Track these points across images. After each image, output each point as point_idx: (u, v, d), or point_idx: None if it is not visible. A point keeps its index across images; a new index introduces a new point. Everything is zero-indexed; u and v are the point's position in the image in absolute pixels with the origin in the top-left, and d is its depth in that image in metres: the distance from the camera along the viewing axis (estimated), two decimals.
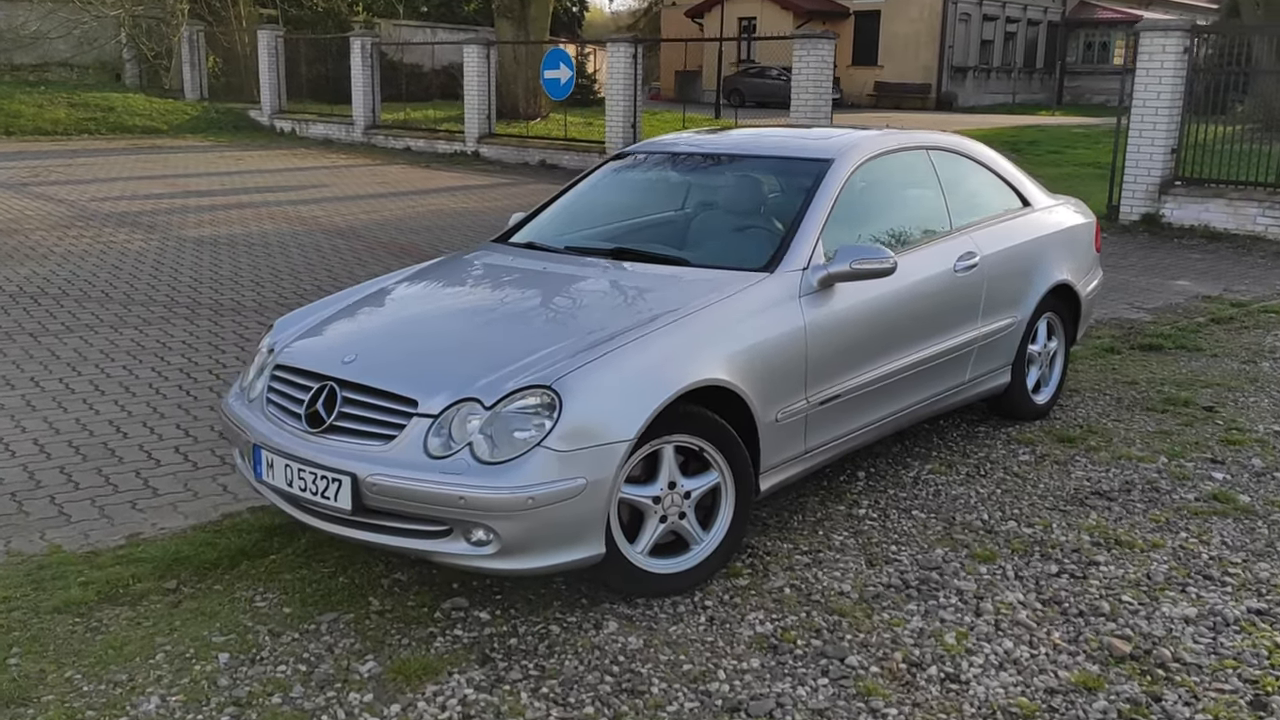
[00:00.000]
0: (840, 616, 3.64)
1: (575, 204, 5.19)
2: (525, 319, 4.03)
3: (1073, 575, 3.96)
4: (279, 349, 4.08)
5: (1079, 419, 5.77)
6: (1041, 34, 46.85)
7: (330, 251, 10.68)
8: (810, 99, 15.30)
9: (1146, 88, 12.53)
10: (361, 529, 3.55)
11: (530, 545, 3.38)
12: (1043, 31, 46.86)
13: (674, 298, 3.98)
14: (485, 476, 3.34)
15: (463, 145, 20.87)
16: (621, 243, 4.68)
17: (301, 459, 3.61)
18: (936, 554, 4.12)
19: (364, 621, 3.61)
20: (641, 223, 4.93)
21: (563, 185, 5.34)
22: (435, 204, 14.40)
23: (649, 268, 4.34)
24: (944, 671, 3.31)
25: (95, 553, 4.13)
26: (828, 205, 4.42)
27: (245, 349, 7.02)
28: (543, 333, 3.83)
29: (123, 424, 5.57)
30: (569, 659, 3.38)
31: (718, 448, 3.76)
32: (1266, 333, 7.86)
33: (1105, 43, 47.82)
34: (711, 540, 3.81)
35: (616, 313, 3.90)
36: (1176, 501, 4.65)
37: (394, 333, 4.03)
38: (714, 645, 3.47)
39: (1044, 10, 46.49)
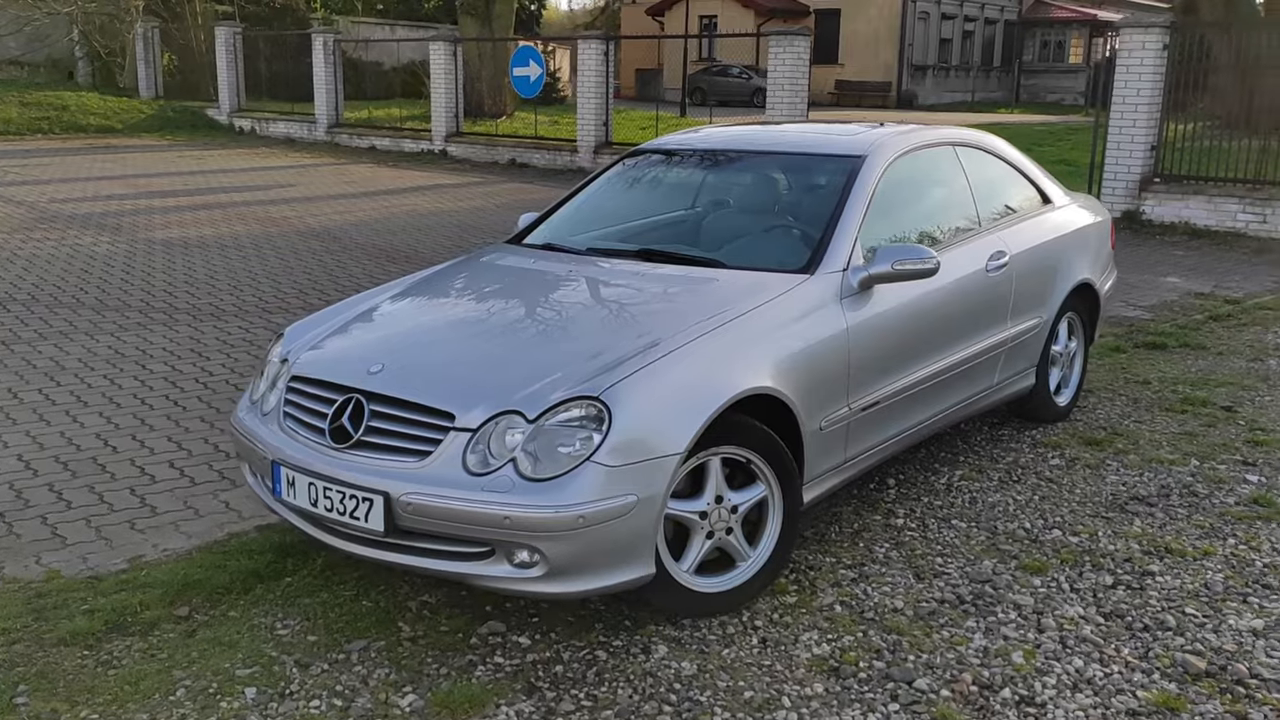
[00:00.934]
0: (899, 635, 3.47)
1: (591, 203, 4.98)
2: (559, 325, 3.81)
3: (1129, 587, 3.82)
4: (294, 359, 3.83)
5: (1101, 421, 5.65)
6: (998, 33, 47.16)
7: (307, 254, 10.37)
8: (786, 96, 15.17)
9: (1126, 84, 12.51)
10: (394, 551, 3.32)
11: (579, 567, 3.17)
12: (999, 30, 47.18)
13: (713, 301, 3.79)
14: (531, 494, 3.13)
15: (430, 144, 20.54)
16: (646, 243, 4.48)
17: (327, 477, 3.38)
18: (985, 566, 3.96)
19: (396, 649, 3.39)
20: (665, 222, 4.72)
21: (534, 184, 5.14)
22: (408, 204, 14.11)
23: (681, 269, 4.14)
24: (1018, 694, 3.15)
25: (97, 578, 3.87)
26: (864, 204, 4.24)
27: (231, 355, 6.74)
28: (580, 340, 3.61)
29: (110, 437, 5.28)
30: (621, 687, 3.18)
31: (765, 459, 3.58)
32: (1266, 330, 7.81)
33: (1061, 41, 48.21)
34: (759, 556, 3.63)
35: (656, 317, 3.70)
36: (1217, 506, 4.53)
37: (420, 341, 3.80)
38: (772, 669, 3.28)
39: (1001, 9, 46.81)
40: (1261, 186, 12.00)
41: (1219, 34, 13.27)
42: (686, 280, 4.03)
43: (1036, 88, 47.16)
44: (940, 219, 4.72)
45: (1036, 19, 47.84)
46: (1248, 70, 12.58)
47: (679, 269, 4.15)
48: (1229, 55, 13.02)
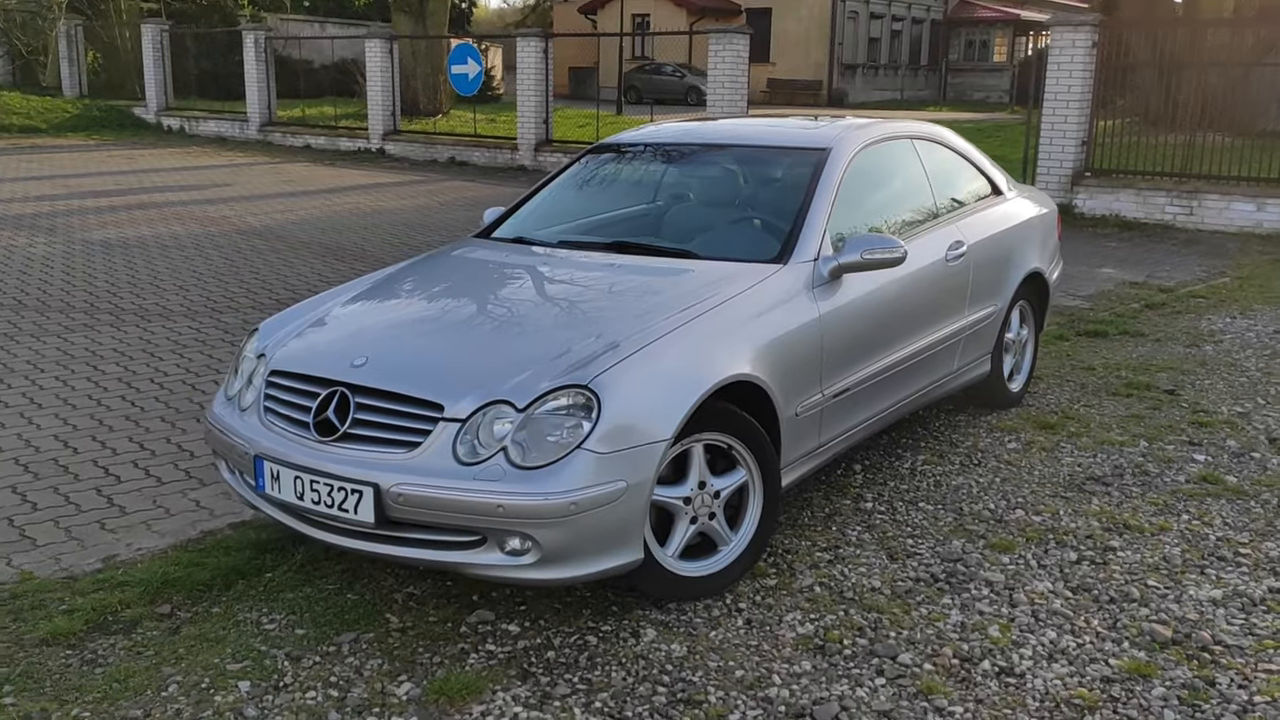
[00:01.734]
0: (879, 613, 3.56)
1: (558, 198, 5.02)
2: (539, 316, 3.85)
3: (1093, 562, 3.96)
4: (271, 354, 3.82)
5: (1051, 405, 5.82)
6: (925, 32, 47.95)
7: (251, 253, 10.25)
8: (726, 94, 15.30)
9: (1058, 81, 12.84)
10: (384, 543, 3.34)
11: (571, 553, 3.22)
12: (926, 30, 47.97)
13: (690, 291, 3.85)
14: (523, 482, 3.16)
15: (366, 142, 20.36)
16: (616, 236, 4.53)
17: (314, 470, 3.38)
18: (955, 545, 4.08)
19: (386, 640, 3.40)
20: (634, 215, 4.77)
21: (476, 182, 5.18)
22: (350, 202, 13.99)
23: (655, 260, 4.21)
24: (997, 666, 3.26)
25: (72, 578, 3.82)
26: (831, 195, 4.34)
27: (184, 356, 6.66)
28: (562, 329, 3.66)
29: (69, 438, 5.20)
30: (614, 670, 3.23)
31: (746, 445, 3.65)
32: (1199, 317, 8.08)
33: (986, 41, 49.13)
34: (740, 540, 3.70)
35: (634, 307, 3.75)
36: (1169, 484, 4.70)
37: (401, 334, 3.81)
38: (760, 649, 3.35)
39: (927, 9, 47.58)
40: (1188, 180, 12.39)
41: (1139, 33, 13.66)
42: (661, 271, 4.09)
43: (963, 86, 47.97)
44: (902, 209, 4.84)
45: (961, 19, 48.68)
46: (1166, 68, 12.96)
47: (653, 260, 4.21)
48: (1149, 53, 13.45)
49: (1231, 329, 7.66)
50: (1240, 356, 6.88)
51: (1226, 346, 7.15)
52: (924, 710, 3.04)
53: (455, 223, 12.28)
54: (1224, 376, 6.41)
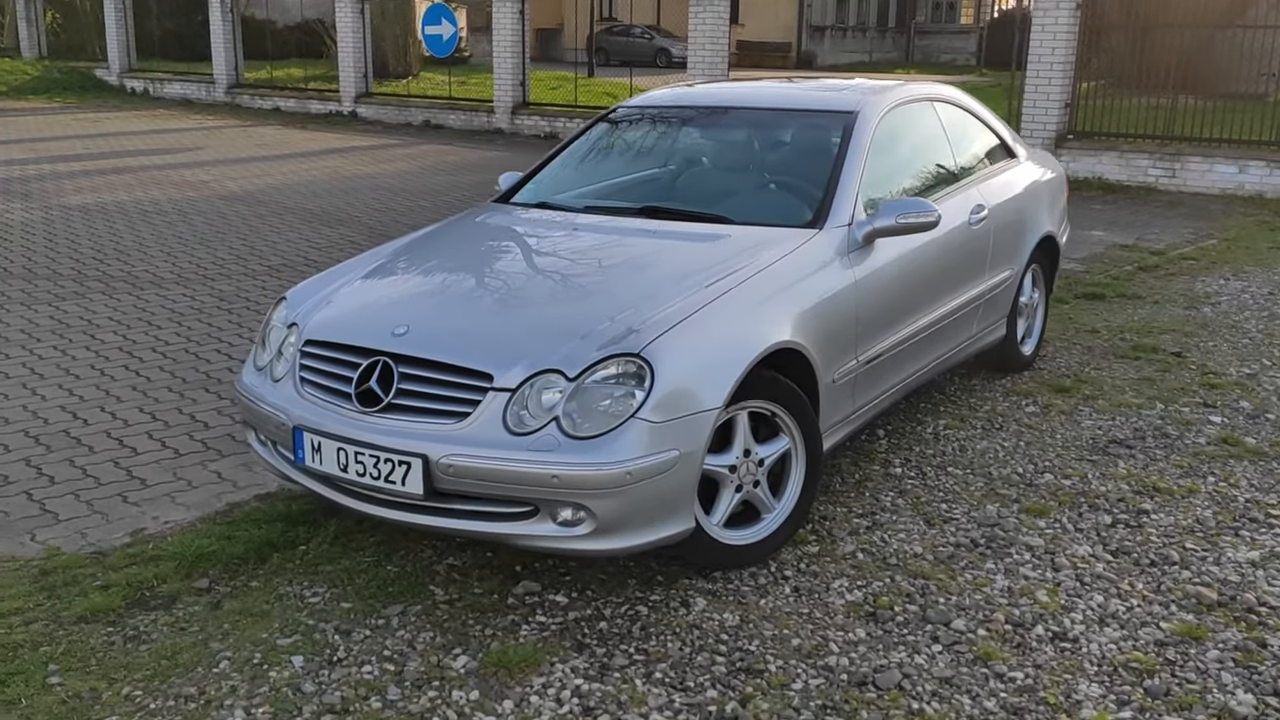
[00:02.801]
0: (925, 579, 3.56)
1: (577, 163, 4.94)
2: (578, 282, 3.79)
3: (1128, 525, 3.98)
4: (303, 323, 3.74)
5: (1063, 368, 5.84)
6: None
7: (235, 219, 10.07)
8: (706, 56, 15.18)
9: (1041, 44, 12.83)
10: (433, 514, 3.29)
11: (625, 524, 3.18)
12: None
13: (729, 256, 3.80)
14: (578, 452, 3.12)
15: (338, 105, 20.05)
16: (643, 200, 4.46)
17: (358, 441, 3.31)
18: (990, 510, 4.08)
19: (435, 612, 3.36)
20: (660, 179, 4.70)
21: (453, 145, 5.10)
22: (328, 166, 13.77)
23: (688, 225, 4.15)
24: (1051, 630, 3.27)
25: (101, 553, 3.74)
26: (862, 158, 4.30)
27: (183, 324, 6.53)
28: (605, 296, 3.60)
29: (77, 409, 5.09)
30: (670, 640, 3.21)
31: (789, 412, 3.62)
32: (1193, 279, 8.13)
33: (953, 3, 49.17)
34: (783, 508, 3.68)
35: (674, 273, 3.69)
36: (1190, 447, 4.73)
37: (439, 301, 3.73)
38: (812, 616, 3.34)
39: None
40: (1170, 142, 12.45)
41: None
42: (697, 236, 4.04)
43: (930, 48, 47.93)
44: (927, 173, 4.81)
45: None
46: (1137, 30, 12.97)
47: (686, 225, 4.15)
48: (1121, 15, 13.49)
49: (1226, 291, 7.71)
50: (1240, 318, 6.93)
51: (1224, 308, 7.20)
52: (984, 676, 3.04)
53: (438, 187, 12.13)
54: (1226, 339, 6.45)
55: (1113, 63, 13.69)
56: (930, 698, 2.94)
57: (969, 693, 2.97)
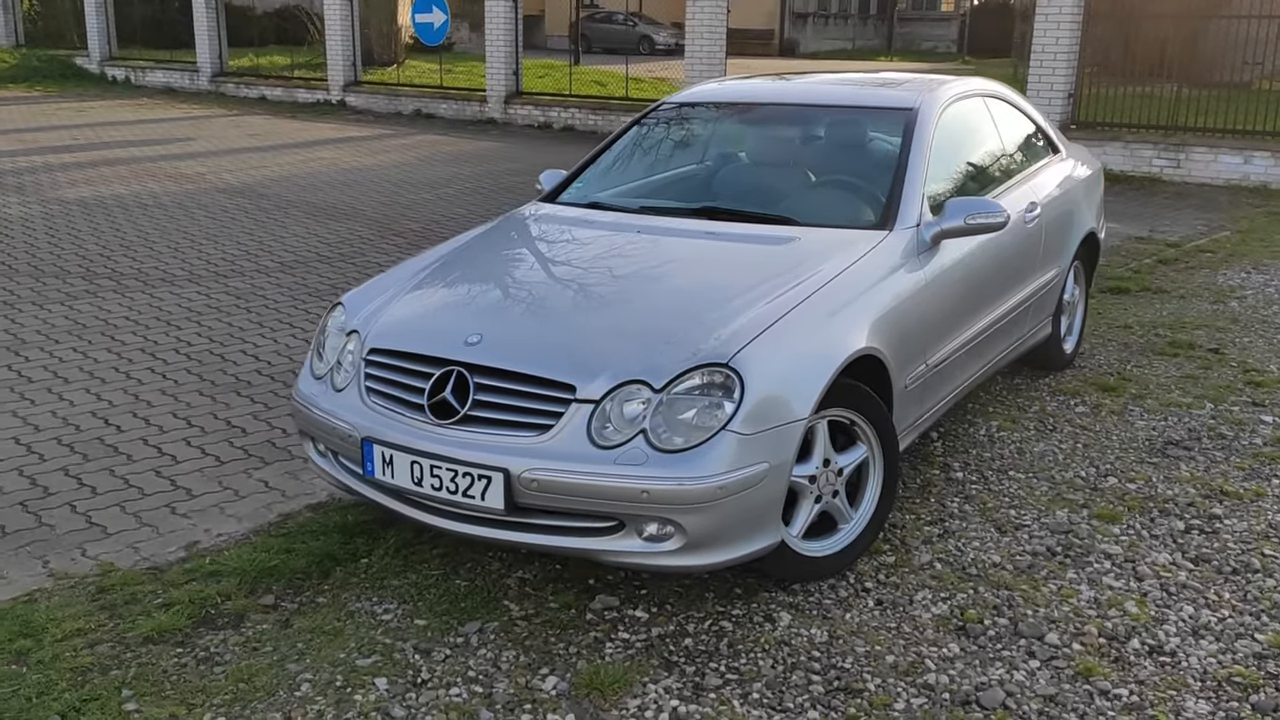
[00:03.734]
0: (1008, 590, 3.49)
1: (625, 160, 4.82)
2: (651, 288, 3.68)
3: (1202, 531, 3.92)
4: (364, 331, 3.62)
5: (1104, 366, 5.78)
6: None
7: (238, 213, 9.89)
8: (705, 45, 15.05)
9: (1045, 33, 12.78)
10: (513, 529, 3.19)
11: (715, 539, 3.09)
12: None
13: (801, 260, 3.71)
14: (668, 466, 3.02)
15: (326, 94, 19.80)
16: (697, 200, 4.36)
17: (434, 455, 3.20)
18: (1060, 516, 4.01)
19: (513, 629, 3.26)
20: (714, 179, 4.58)
21: (447, 136, 4.99)
22: (325, 158, 13.57)
23: (755, 228, 4.05)
24: (1147, 644, 3.20)
25: (157, 569, 3.62)
26: (925, 156, 4.21)
27: (203, 324, 6.39)
28: (680, 303, 3.49)
29: (109, 415, 4.95)
30: (760, 658, 3.12)
31: (868, 420, 3.54)
32: (1214, 272, 8.10)
33: None
34: (860, 518, 3.60)
35: (749, 278, 3.59)
36: (1248, 448, 4.68)
37: (509, 308, 3.62)
38: (900, 631, 3.26)
39: None
40: (1174, 133, 12.44)
41: None
42: (765, 239, 3.94)
43: (911, 36, 47.94)
44: (984, 170, 4.73)
45: None
46: (1127, 19, 12.93)
47: (751, 227, 4.05)
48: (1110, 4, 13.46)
49: (1250, 285, 7.68)
50: (1269, 313, 6.90)
51: (1251, 303, 7.17)
52: (1088, 694, 2.97)
53: (439, 179, 11.98)
54: (1260, 334, 6.42)
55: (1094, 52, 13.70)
56: (1038, 717, 2.87)
57: (1075, 711, 2.90)
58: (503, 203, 10.49)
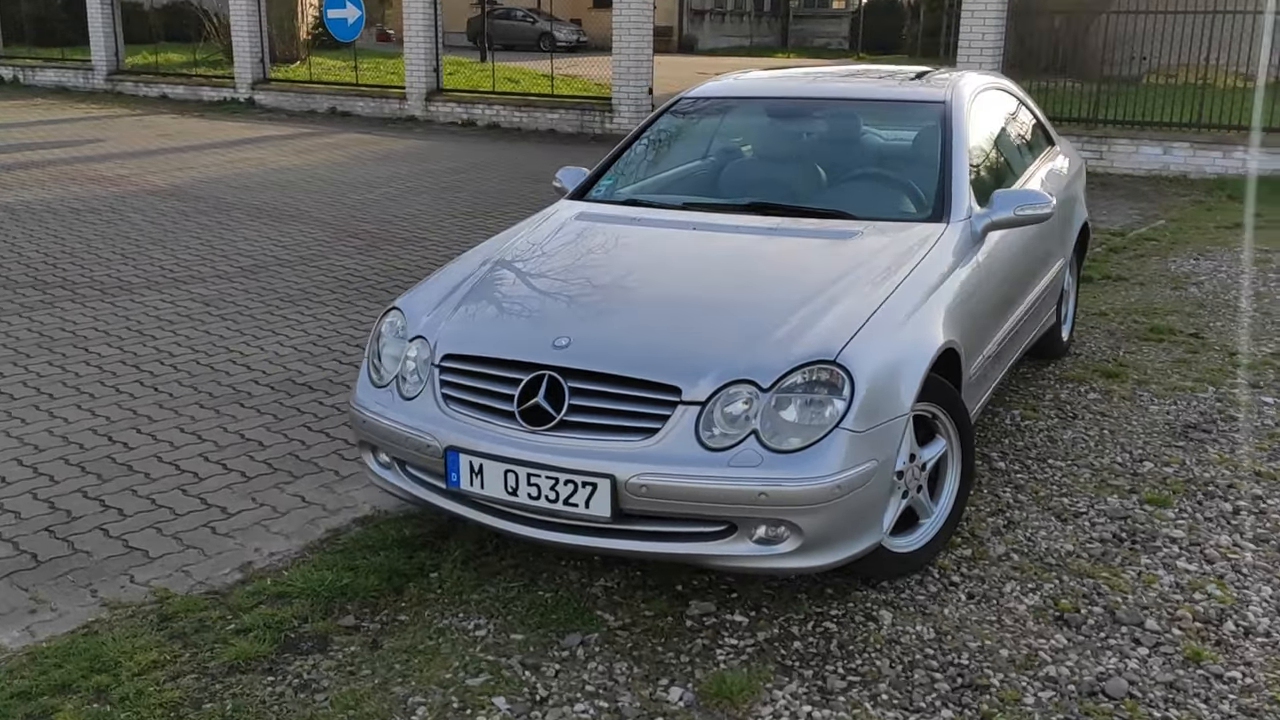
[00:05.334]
0: (1091, 579, 3.52)
1: (651, 157, 4.74)
2: (729, 284, 3.60)
3: (1251, 512, 4.01)
4: (432, 336, 3.47)
5: (1097, 353, 5.91)
6: None
7: (177, 216, 9.49)
8: (633, 40, 15.01)
9: (971, 29, 13.05)
10: (620, 537, 3.09)
11: (830, 539, 3.05)
12: None
13: (873, 254, 3.68)
14: (784, 467, 2.97)
15: (233, 92, 19.18)
16: (746, 196, 4.29)
17: (531, 463, 3.09)
18: (1114, 503, 4.07)
19: (615, 640, 3.16)
20: (758, 174, 4.53)
21: (371, 134, 4.91)
22: (250, 158, 13.13)
23: (814, 222, 4.01)
24: (1240, 626, 3.26)
25: (217, 593, 3.43)
26: (966, 149, 4.23)
27: (178, 333, 6.10)
28: (766, 299, 3.43)
29: (111, 432, 4.68)
30: (876, 659, 3.08)
31: (949, 413, 3.53)
32: (1163, 260, 8.36)
33: None
34: (940, 512, 3.59)
35: (828, 273, 3.55)
36: (1263, 429, 4.82)
37: (590, 309, 3.50)
38: (1003, 624, 3.26)
39: None
40: (1097, 125, 12.83)
41: None
42: (830, 234, 3.90)
43: (804, 33, 48.66)
44: (1006, 162, 4.78)
45: None
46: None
47: (810, 222, 4.01)
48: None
49: (1202, 271, 7.94)
50: (1229, 298, 7.14)
51: (1210, 289, 7.41)
52: (1204, 678, 3.01)
53: (377, 178, 11.68)
54: (1229, 319, 6.63)
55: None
56: (1165, 704, 2.89)
57: (1198, 696, 2.93)
58: (456, 203, 10.29)
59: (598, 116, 15.42)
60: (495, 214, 9.75)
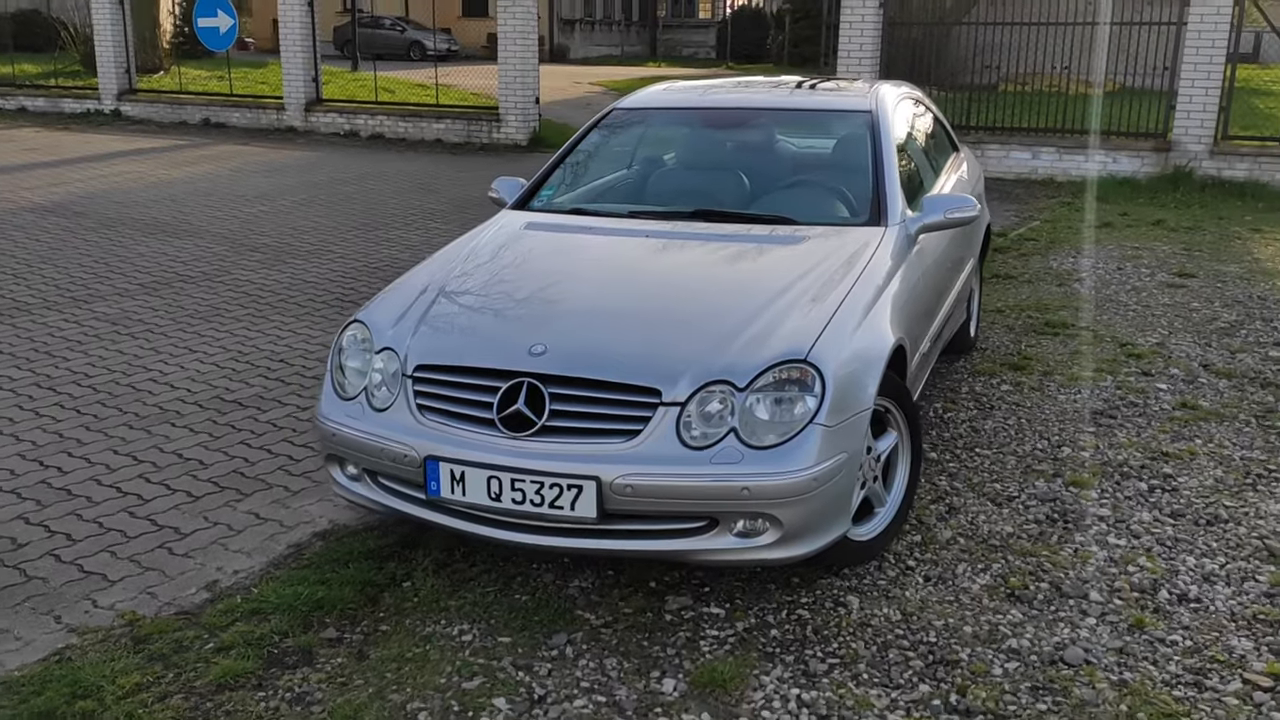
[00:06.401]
0: (1034, 557, 3.75)
1: (594, 167, 4.84)
2: (691, 289, 3.72)
3: (1164, 490, 4.31)
4: (404, 347, 3.49)
5: (1001, 348, 6.22)
6: None
7: (63, 233, 9.15)
8: (518, 50, 15.01)
9: (850, 39, 13.49)
10: (605, 538, 3.18)
11: (807, 529, 3.19)
12: None
13: (823, 257, 3.85)
14: (764, 462, 3.10)
15: (97, 103, 18.49)
16: (690, 204, 4.41)
17: (515, 469, 3.15)
18: (1040, 486, 4.33)
19: (600, 637, 3.25)
20: (697, 182, 4.65)
21: (251, 145, 4.95)
22: (128, 172, 12.70)
23: (759, 228, 4.15)
24: (1174, 593, 3.52)
25: (188, 613, 3.39)
26: (894, 155, 4.44)
27: (89, 353, 5.92)
28: (728, 302, 3.56)
29: (42, 457, 4.55)
30: (852, 641, 3.24)
31: (899, 406, 3.72)
32: (1044, 259, 8.82)
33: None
34: (893, 501, 3.77)
35: (783, 276, 3.70)
36: (1162, 413, 5.17)
37: (559, 316, 3.56)
38: (962, 603, 3.46)
39: None
40: (971, 131, 13.38)
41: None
42: (779, 239, 4.05)
43: (673, 42, 49.23)
44: (924, 167, 5.02)
45: None
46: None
47: (757, 228, 4.16)
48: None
49: (1081, 269, 8.41)
50: (1110, 293, 7.58)
51: (1091, 285, 7.86)
52: (1150, 642, 3.25)
53: (265, 191, 11.45)
54: (1114, 312, 7.05)
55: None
56: (1119, 669, 3.12)
57: (1147, 659, 3.16)
58: (353, 214, 10.17)
59: (485, 126, 15.39)
60: (397, 225, 9.68)
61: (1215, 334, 6.50)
